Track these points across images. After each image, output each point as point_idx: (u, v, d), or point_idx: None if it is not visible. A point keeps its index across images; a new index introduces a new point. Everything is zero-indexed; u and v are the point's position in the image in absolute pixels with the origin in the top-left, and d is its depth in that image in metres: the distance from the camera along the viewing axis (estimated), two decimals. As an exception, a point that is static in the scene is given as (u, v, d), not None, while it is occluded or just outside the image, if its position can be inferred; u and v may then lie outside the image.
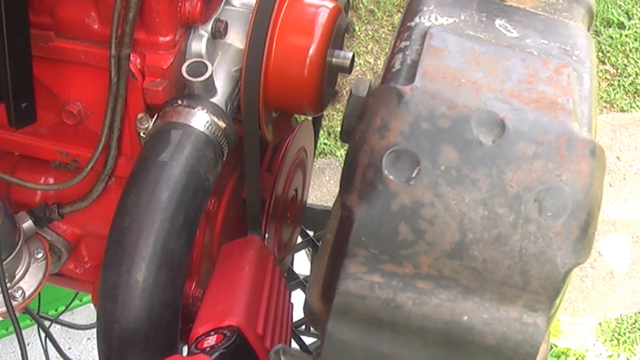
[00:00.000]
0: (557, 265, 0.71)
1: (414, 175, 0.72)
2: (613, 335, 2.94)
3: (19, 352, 1.22)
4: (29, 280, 1.23)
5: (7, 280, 1.20)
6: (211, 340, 0.96)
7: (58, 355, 1.80)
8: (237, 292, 1.08)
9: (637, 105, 3.72)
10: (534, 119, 0.74)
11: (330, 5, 1.20)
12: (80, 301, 2.31)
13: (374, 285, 0.73)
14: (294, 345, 1.61)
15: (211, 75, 1.12)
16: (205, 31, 1.16)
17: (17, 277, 1.22)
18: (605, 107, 3.69)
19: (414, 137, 0.72)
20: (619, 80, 3.79)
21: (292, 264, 1.78)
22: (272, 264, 1.23)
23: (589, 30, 0.95)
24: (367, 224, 0.72)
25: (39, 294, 1.26)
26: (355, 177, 0.73)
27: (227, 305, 1.04)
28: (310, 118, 1.58)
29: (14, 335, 1.23)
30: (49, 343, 1.73)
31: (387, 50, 0.93)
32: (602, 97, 3.71)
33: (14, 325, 1.17)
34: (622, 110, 3.69)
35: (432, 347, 0.74)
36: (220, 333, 0.97)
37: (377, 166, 0.72)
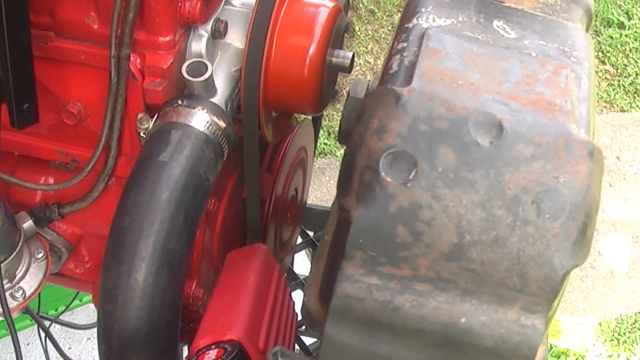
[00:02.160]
0: (555, 267, 0.71)
1: (411, 177, 0.72)
2: (613, 335, 2.94)
3: (19, 352, 1.22)
4: (29, 281, 1.23)
5: (7, 281, 1.20)
6: (212, 354, 0.96)
7: (58, 355, 1.80)
8: (240, 304, 1.08)
9: (637, 105, 3.71)
10: (532, 121, 0.74)
11: (330, 5, 1.20)
12: (80, 301, 2.31)
13: (371, 287, 0.73)
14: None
15: (211, 75, 1.12)
16: (205, 31, 1.16)
17: (18, 277, 1.22)
18: (605, 107, 3.68)
19: (412, 138, 0.72)
20: (619, 80, 3.79)
21: (292, 264, 1.78)
22: (278, 273, 1.22)
23: (587, 31, 0.95)
24: (364, 226, 0.72)
25: (39, 294, 1.26)
26: (353, 179, 0.73)
27: (229, 318, 1.04)
28: (310, 118, 1.58)
29: (14, 335, 1.23)
30: (49, 343, 1.73)
31: (386, 50, 0.93)
32: (602, 97, 3.71)
33: (9, 326, 1.17)
34: (622, 110, 3.69)
35: (430, 349, 0.74)
36: (221, 347, 0.97)
37: (375, 168, 0.72)
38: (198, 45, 1.16)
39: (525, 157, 0.72)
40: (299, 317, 1.22)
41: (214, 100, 1.14)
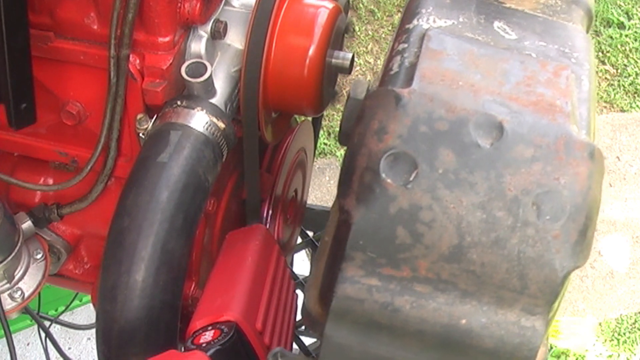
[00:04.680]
0: (555, 269, 0.71)
1: (411, 178, 0.72)
2: (613, 335, 2.94)
3: (19, 352, 1.21)
4: (28, 281, 1.23)
5: (6, 281, 1.20)
6: (208, 335, 0.95)
7: (58, 355, 1.80)
8: (238, 285, 1.07)
9: (637, 105, 3.71)
10: (532, 122, 0.74)
11: (330, 5, 1.20)
12: (80, 301, 2.31)
13: (371, 288, 0.73)
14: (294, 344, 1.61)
15: (210, 75, 1.12)
16: (204, 32, 1.16)
17: (17, 277, 1.22)
18: (605, 107, 3.68)
19: (412, 140, 0.72)
20: (619, 80, 3.78)
21: (292, 264, 1.78)
22: (277, 254, 1.21)
23: (587, 31, 0.95)
24: (364, 228, 0.72)
25: (39, 294, 1.26)
26: (353, 180, 0.73)
27: (226, 299, 1.03)
28: (310, 118, 1.57)
29: (14, 336, 1.23)
30: (49, 343, 1.73)
31: (387, 50, 0.93)
32: (602, 97, 3.70)
33: (4, 327, 1.17)
34: (622, 110, 3.69)
35: (430, 350, 0.74)
36: (218, 328, 0.96)
37: (375, 169, 0.72)
38: (197, 45, 1.16)
39: (525, 158, 0.72)
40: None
41: (213, 101, 1.14)
